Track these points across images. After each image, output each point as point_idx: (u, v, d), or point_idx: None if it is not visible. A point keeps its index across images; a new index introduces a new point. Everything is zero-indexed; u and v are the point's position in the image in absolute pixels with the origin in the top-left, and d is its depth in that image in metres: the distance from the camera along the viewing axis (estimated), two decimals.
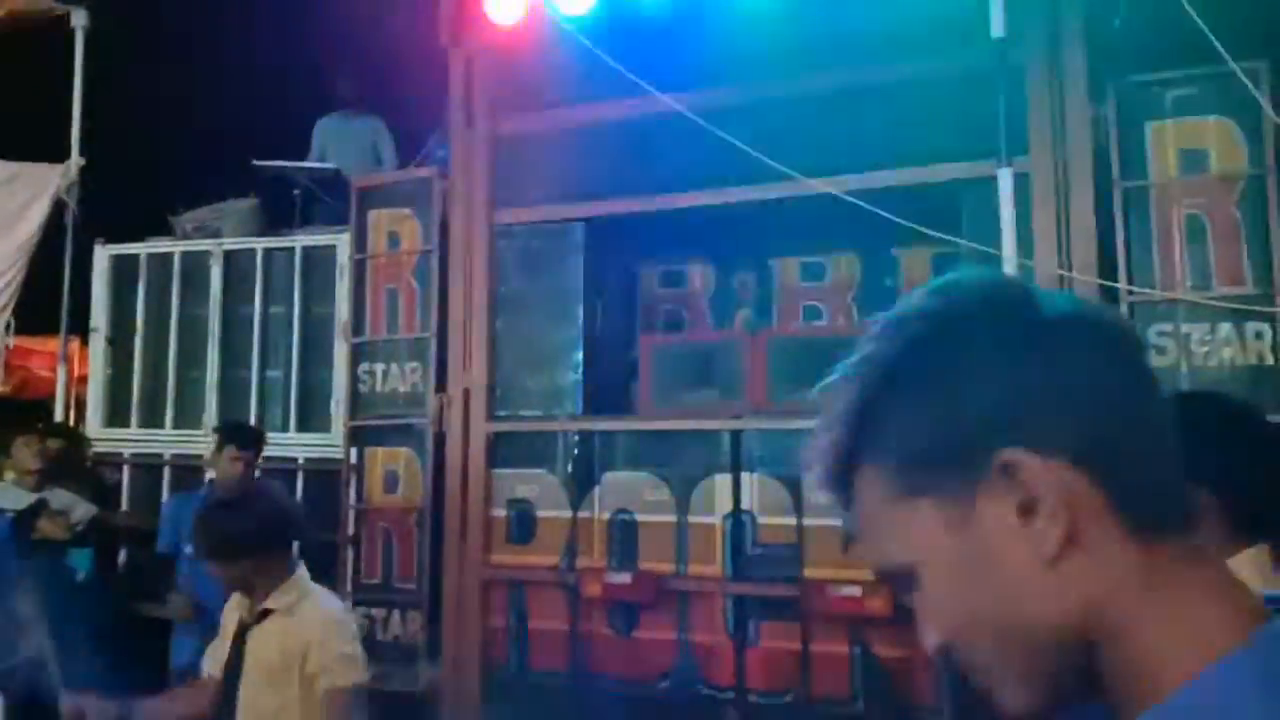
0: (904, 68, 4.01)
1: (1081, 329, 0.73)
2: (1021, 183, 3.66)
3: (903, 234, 3.93)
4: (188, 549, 4.10)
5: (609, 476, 4.32)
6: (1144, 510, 0.69)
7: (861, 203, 3.90)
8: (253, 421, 5.28)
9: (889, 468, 0.73)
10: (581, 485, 4.35)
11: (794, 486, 4.00)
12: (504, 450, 4.55)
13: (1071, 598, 0.68)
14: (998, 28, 3.58)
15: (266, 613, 2.70)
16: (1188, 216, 3.66)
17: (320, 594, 2.84)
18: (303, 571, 2.79)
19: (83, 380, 6.37)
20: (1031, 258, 3.64)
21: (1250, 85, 3.44)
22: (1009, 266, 3.49)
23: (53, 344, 6.76)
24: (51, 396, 6.40)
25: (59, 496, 4.82)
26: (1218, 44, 3.31)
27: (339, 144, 6.45)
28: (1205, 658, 0.64)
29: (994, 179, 3.61)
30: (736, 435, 4.12)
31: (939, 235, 3.92)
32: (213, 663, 2.87)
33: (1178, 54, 3.63)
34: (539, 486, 4.44)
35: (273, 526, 2.69)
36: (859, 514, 0.77)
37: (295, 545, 2.89)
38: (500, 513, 4.50)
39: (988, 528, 0.70)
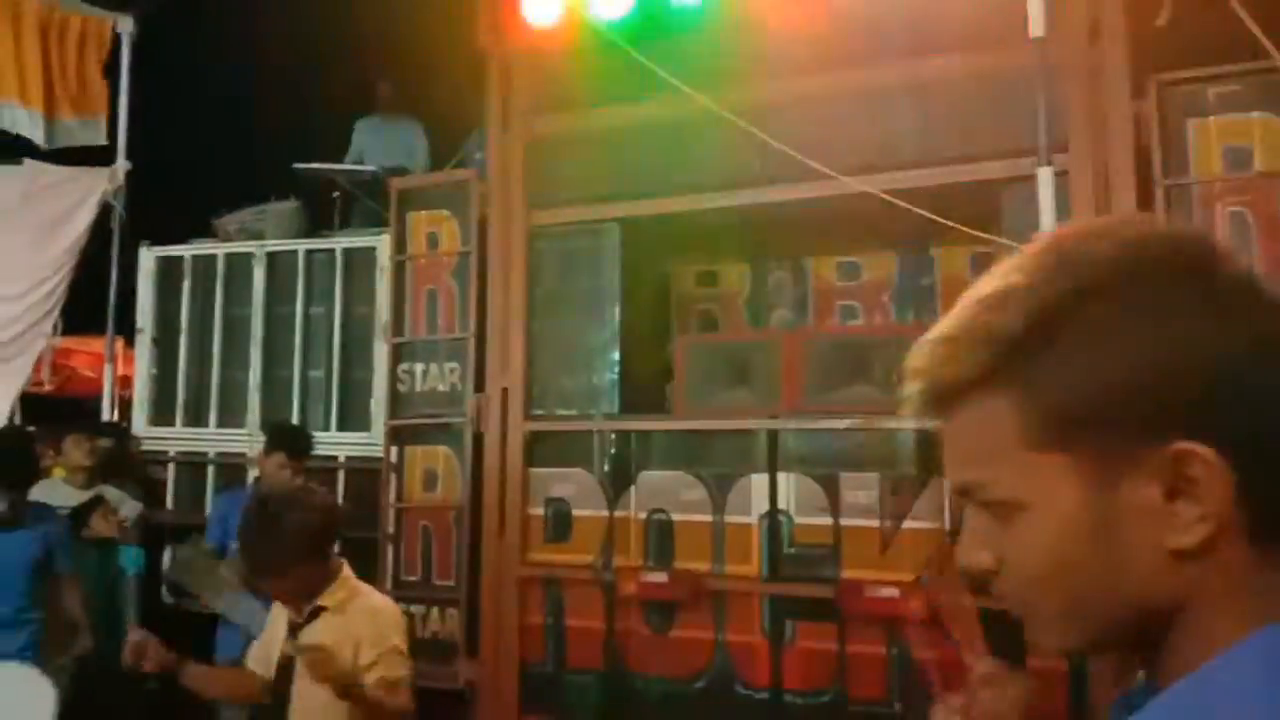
0: (943, 65, 3.99)
1: (1267, 308, 0.68)
2: (1061, 181, 3.63)
3: (940, 232, 3.92)
4: (234, 545, 4.17)
5: (645, 476, 4.33)
6: (1270, 518, 0.66)
7: (899, 201, 3.89)
8: (295, 420, 5.37)
9: (1034, 410, 0.68)
10: (618, 484, 4.37)
11: (831, 486, 4.00)
12: (541, 449, 4.59)
13: (1178, 588, 0.66)
14: (1037, 28, 3.55)
15: (318, 611, 2.74)
16: (1231, 214, 3.62)
17: (368, 591, 2.89)
18: (348, 570, 2.84)
19: (126, 380, 6.50)
20: None
21: None
22: None
23: (96, 343, 6.91)
24: (95, 395, 6.54)
25: (108, 494, 4.93)
26: (1264, 39, 3.27)
27: (376, 145, 6.54)
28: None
29: (1034, 177, 3.58)
30: (773, 435, 4.12)
31: (977, 234, 3.90)
32: (256, 662, 2.91)
33: (1220, 50, 3.58)
34: (576, 485, 4.46)
35: (313, 538, 2.70)
36: (959, 434, 0.73)
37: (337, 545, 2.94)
38: (537, 511, 4.53)
39: (1126, 501, 0.66)
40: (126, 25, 6.30)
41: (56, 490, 4.71)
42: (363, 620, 2.73)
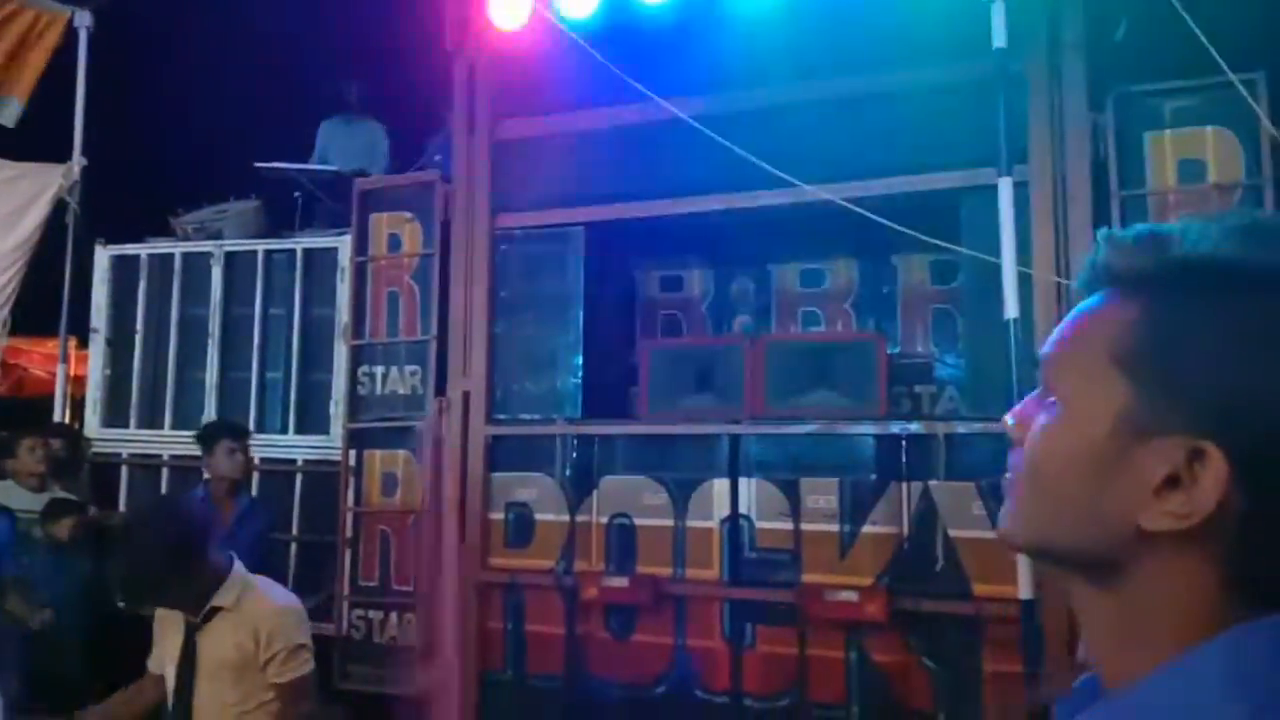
0: (905, 76, 4.03)
1: None
2: (1021, 191, 3.68)
3: (901, 241, 3.95)
4: None
5: (607, 480, 4.33)
6: (1251, 576, 0.66)
7: (861, 210, 3.92)
8: (251, 423, 5.30)
9: (1141, 332, 0.69)
10: (580, 489, 4.36)
11: (792, 491, 4.02)
12: (503, 453, 4.56)
13: (1127, 557, 0.68)
14: (999, 38, 3.60)
15: (214, 611, 2.72)
16: None
17: (263, 585, 2.86)
18: (239, 566, 2.81)
19: (79, 380, 6.38)
20: (1030, 266, 3.66)
21: (1248, 96, 3.47)
22: (1007, 274, 3.51)
23: (48, 344, 6.77)
24: (46, 396, 6.41)
25: (58, 496, 4.82)
26: (1216, 55, 3.33)
27: (341, 146, 6.48)
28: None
29: (993, 187, 3.62)
30: (735, 440, 4.13)
31: (938, 243, 3.95)
32: (155, 662, 2.89)
33: (1176, 65, 3.65)
34: (537, 490, 4.45)
35: (174, 551, 2.61)
36: (1079, 313, 0.74)
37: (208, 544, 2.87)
38: (498, 516, 4.51)
39: (1136, 458, 0.67)
40: (84, 19, 6.19)
41: (10, 493, 4.61)
42: (264, 615, 2.72)
